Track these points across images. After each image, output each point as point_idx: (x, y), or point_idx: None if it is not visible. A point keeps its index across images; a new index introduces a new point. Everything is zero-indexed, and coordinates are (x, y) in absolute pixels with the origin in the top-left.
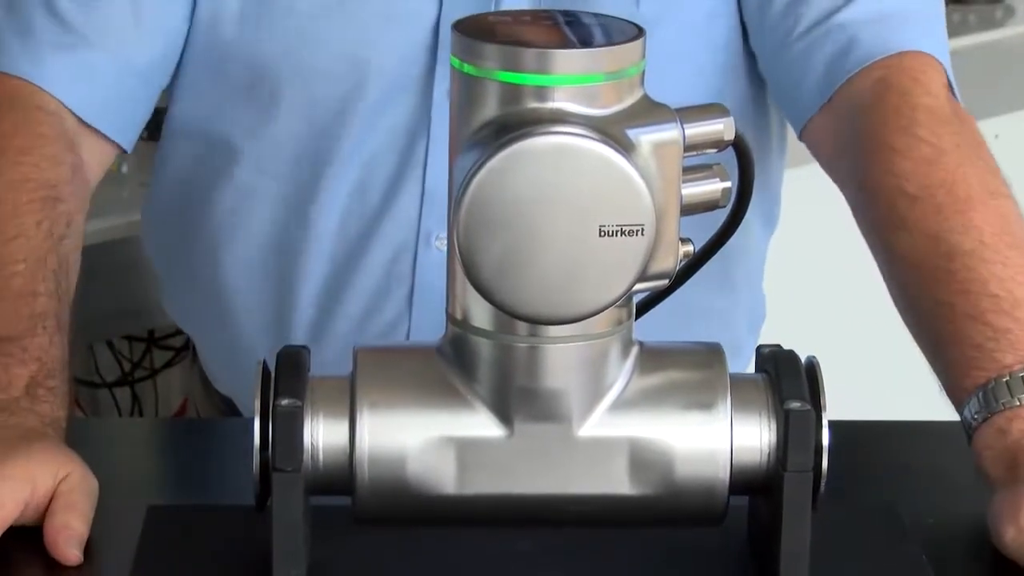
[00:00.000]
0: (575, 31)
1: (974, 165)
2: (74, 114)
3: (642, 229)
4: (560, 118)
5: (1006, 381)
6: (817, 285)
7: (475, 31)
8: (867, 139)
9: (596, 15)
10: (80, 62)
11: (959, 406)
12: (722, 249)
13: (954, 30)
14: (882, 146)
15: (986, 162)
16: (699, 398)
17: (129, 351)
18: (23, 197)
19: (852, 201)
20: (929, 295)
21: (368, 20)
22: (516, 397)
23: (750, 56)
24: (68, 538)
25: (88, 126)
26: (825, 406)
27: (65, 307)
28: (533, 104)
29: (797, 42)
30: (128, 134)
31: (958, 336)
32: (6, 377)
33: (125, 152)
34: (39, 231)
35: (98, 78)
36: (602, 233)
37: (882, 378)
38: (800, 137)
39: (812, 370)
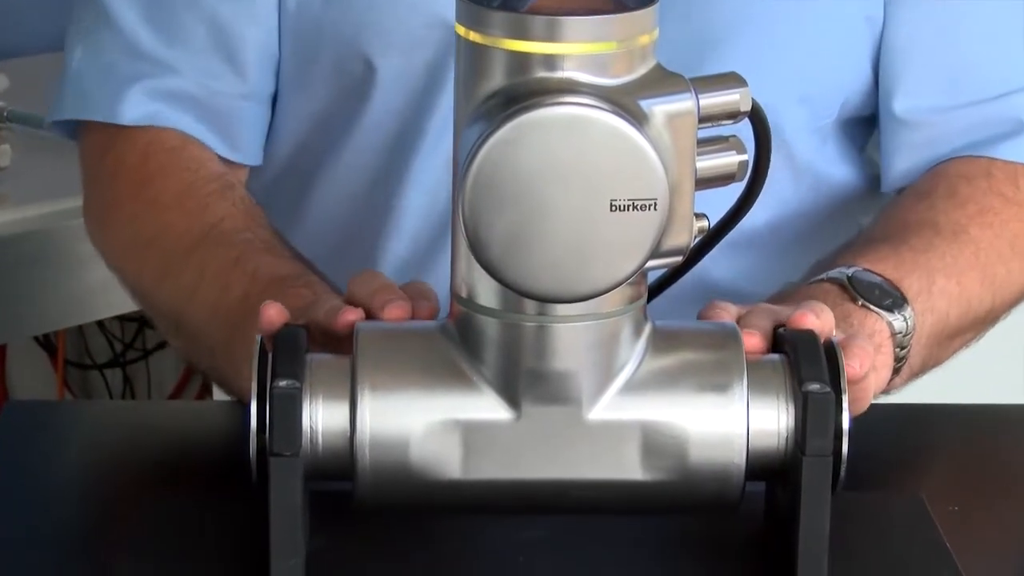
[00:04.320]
0: None
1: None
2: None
3: (655, 203)
4: (570, 88)
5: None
6: None
7: None
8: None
9: None
10: (165, 91)
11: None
12: None
13: None
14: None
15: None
16: (714, 380)
17: (121, 332)
18: (203, 190)
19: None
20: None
21: None
22: (524, 379)
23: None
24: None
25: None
26: (845, 389)
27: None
28: (542, 73)
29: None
30: (252, 152)
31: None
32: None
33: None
34: (237, 208)
35: (191, 103)
36: (613, 208)
37: None
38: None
39: (832, 352)
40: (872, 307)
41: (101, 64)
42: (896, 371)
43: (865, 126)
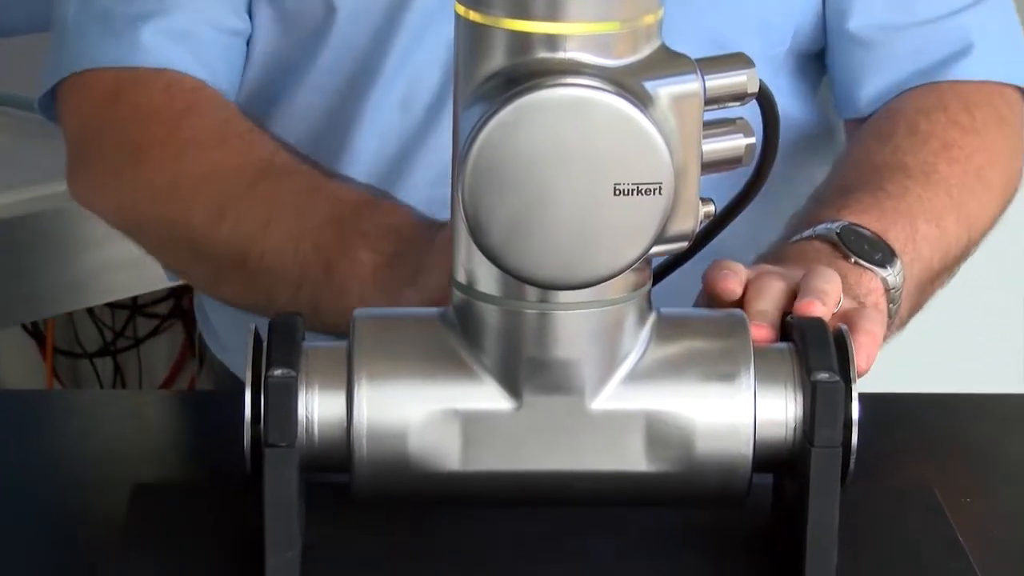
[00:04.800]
0: None
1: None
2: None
3: (660, 188)
4: (572, 69)
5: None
6: None
7: None
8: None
9: None
10: (172, 30)
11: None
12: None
13: None
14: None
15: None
16: (720, 369)
17: (111, 319)
18: (240, 127)
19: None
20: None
21: None
22: (525, 368)
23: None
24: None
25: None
26: (855, 377)
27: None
28: (543, 54)
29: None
30: (234, 93)
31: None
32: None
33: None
34: (280, 143)
35: (193, 41)
36: (617, 192)
37: (917, 349)
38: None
39: (841, 340)
40: (865, 264)
41: (101, 11)
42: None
43: (814, 64)
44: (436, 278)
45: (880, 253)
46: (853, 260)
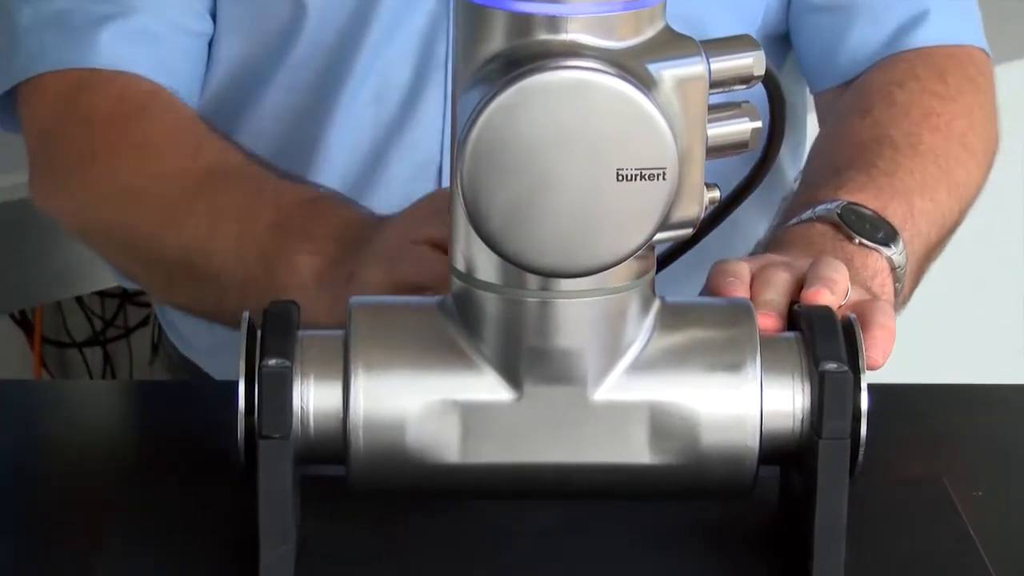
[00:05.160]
0: None
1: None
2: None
3: (664, 173)
4: (574, 51)
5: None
6: None
7: None
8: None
9: None
10: (133, 32)
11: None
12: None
13: None
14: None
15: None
16: (726, 359)
17: (101, 308)
18: (191, 130)
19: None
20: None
21: None
22: (526, 357)
23: None
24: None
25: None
26: (863, 368)
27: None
28: (545, 36)
29: None
30: (195, 96)
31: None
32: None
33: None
34: (231, 144)
35: (153, 43)
36: (620, 177)
37: (926, 339)
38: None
39: (850, 329)
40: (869, 244)
41: (57, 13)
42: None
43: (778, 47)
44: (372, 275)
45: (882, 232)
46: (857, 241)
